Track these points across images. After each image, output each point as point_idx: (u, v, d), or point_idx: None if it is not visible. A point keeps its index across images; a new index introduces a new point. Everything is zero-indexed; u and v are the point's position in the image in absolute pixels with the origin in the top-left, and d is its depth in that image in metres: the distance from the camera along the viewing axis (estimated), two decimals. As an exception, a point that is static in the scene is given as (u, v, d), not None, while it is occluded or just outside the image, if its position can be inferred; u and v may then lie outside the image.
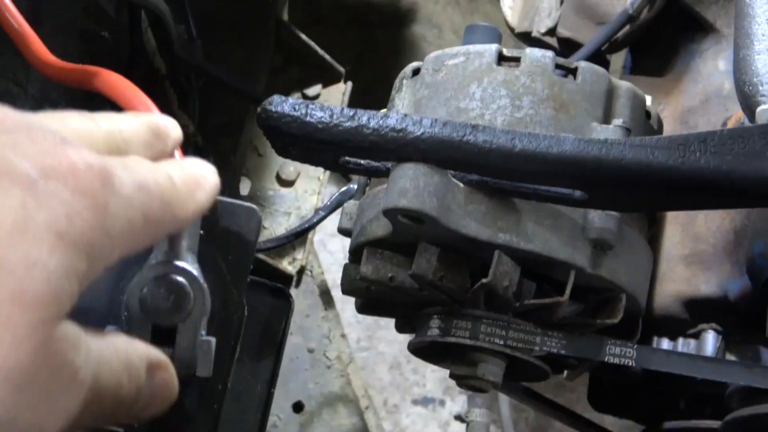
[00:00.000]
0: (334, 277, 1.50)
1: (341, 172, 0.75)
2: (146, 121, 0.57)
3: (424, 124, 0.68)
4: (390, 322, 0.89)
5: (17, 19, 0.73)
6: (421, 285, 0.75)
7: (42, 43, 0.73)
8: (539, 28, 1.17)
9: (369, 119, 0.69)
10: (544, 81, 0.76)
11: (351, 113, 0.69)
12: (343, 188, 0.99)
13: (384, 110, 0.92)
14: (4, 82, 0.86)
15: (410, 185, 0.68)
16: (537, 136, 0.67)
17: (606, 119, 0.77)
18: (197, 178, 0.55)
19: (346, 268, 0.82)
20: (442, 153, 0.68)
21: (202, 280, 0.57)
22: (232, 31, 1.19)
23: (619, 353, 0.76)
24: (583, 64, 0.78)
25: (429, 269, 0.73)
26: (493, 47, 0.78)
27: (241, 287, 0.60)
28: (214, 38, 1.11)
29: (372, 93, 1.45)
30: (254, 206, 0.62)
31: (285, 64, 1.30)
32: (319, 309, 1.18)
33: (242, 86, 1.10)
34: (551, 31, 1.17)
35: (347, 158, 0.72)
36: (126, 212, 0.47)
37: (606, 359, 0.76)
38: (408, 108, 0.81)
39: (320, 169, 1.25)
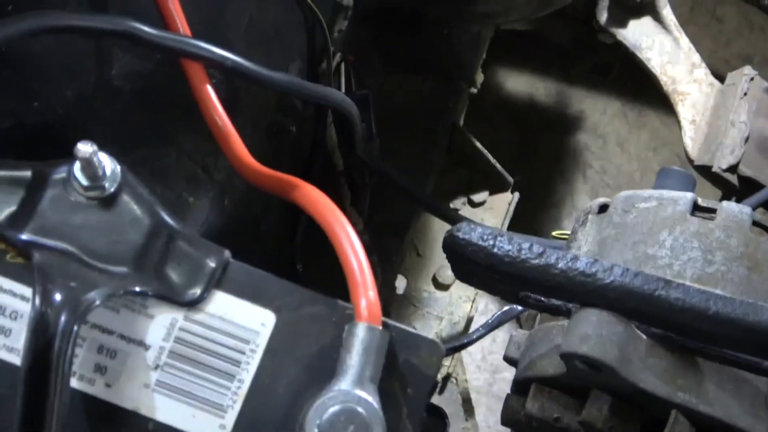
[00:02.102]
0: (474, 382, 1.48)
1: (520, 305, 0.73)
2: None
3: (615, 273, 0.67)
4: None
5: (222, 117, 0.75)
6: (588, 431, 0.72)
7: (243, 144, 0.75)
8: (720, 164, 1.14)
9: (558, 259, 0.68)
10: (740, 238, 0.74)
11: (540, 250, 0.68)
12: (506, 308, 0.98)
13: (558, 233, 0.91)
14: (193, 166, 0.87)
15: (593, 332, 0.67)
16: (733, 301, 0.64)
17: (802, 284, 0.73)
18: None
19: (508, 398, 0.80)
20: (629, 304, 0.66)
21: (381, 414, 0.56)
22: (407, 131, 1.20)
23: None
24: (782, 225, 0.75)
25: (599, 418, 0.70)
26: (689, 196, 0.76)
27: (417, 423, 0.59)
28: (388, 136, 1.12)
29: (527, 196, 1.45)
30: (437, 340, 0.61)
31: (453, 166, 1.30)
32: (459, 419, 1.16)
33: (413, 188, 1.11)
34: (732, 168, 1.14)
35: (528, 293, 0.71)
36: None
37: None
38: (592, 245, 0.79)
39: (477, 277, 1.24)
